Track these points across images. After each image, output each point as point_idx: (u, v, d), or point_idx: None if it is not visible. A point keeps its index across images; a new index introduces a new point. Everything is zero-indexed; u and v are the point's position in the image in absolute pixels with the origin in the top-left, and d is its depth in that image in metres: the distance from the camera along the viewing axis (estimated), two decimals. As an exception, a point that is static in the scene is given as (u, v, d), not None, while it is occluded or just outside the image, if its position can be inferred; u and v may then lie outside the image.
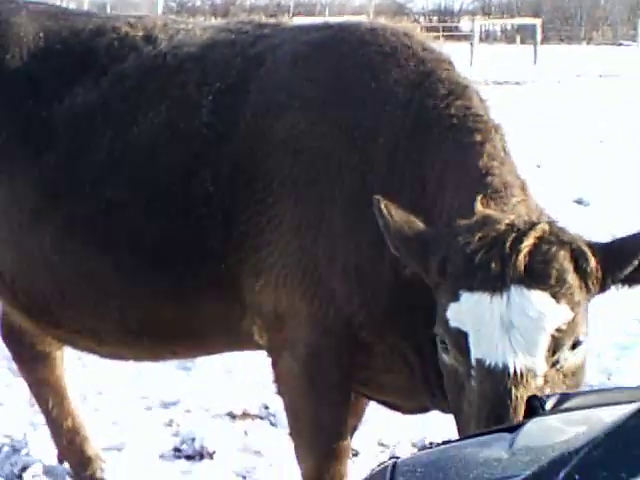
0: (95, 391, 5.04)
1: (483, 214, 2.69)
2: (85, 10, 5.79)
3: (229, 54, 3.48)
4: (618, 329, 5.99)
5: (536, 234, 2.57)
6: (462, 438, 2.25)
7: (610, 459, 1.35)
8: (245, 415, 4.89)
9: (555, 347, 2.50)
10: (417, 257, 2.74)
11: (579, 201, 9.69)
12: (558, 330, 2.50)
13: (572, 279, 2.55)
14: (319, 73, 3.33)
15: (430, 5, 65.69)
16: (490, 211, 2.72)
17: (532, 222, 2.63)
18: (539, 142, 12.55)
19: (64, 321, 3.66)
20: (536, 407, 2.14)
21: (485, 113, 3.13)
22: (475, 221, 2.66)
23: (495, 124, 3.10)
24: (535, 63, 28.01)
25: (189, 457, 4.50)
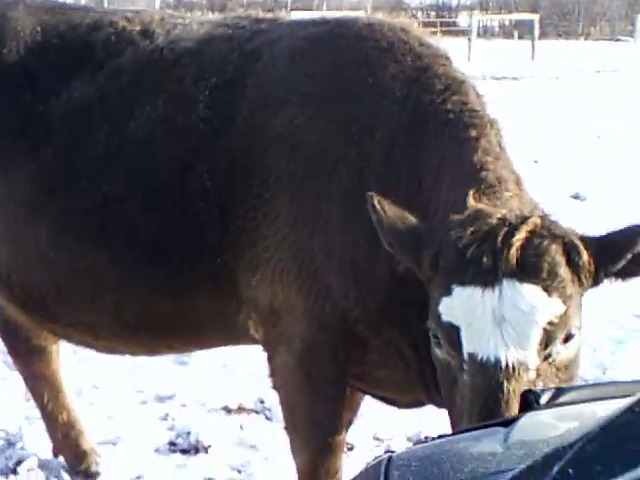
0: (90, 385, 5.05)
1: (475, 208, 2.69)
2: (82, 4, 5.80)
3: (226, 49, 3.47)
4: (613, 323, 6.00)
5: (528, 228, 2.57)
6: (457, 432, 2.25)
7: (604, 453, 1.35)
8: (241, 409, 4.90)
9: (547, 340, 2.50)
10: (410, 252, 2.74)
11: (576, 196, 9.70)
12: (550, 323, 2.50)
13: (564, 273, 2.55)
14: (316, 68, 3.33)
15: (428, 0, 65.68)
16: (482, 205, 2.72)
17: (524, 216, 2.63)
18: (536, 137, 12.56)
19: (60, 315, 3.66)
20: (531, 401, 2.14)
21: (481, 108, 3.13)
22: (467, 215, 2.66)
23: (491, 119, 3.10)
24: (533, 58, 28.01)
25: (184, 451, 4.50)
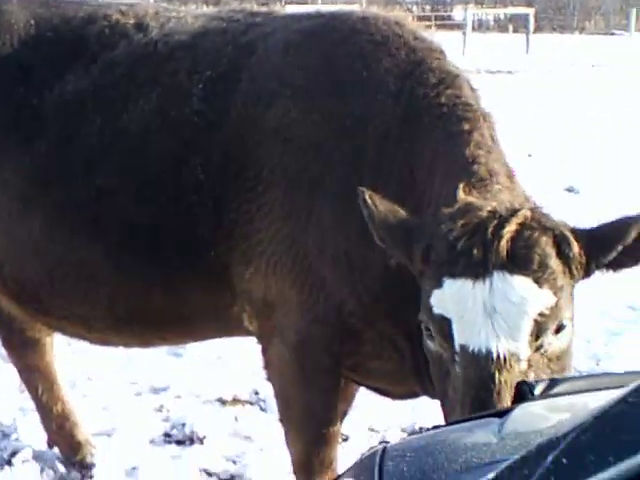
0: (85, 377, 5.05)
1: (465, 201, 2.70)
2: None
3: (220, 42, 3.47)
4: (607, 315, 6.02)
5: (518, 220, 2.58)
6: (451, 423, 2.26)
7: (598, 443, 1.36)
8: (235, 401, 4.91)
9: (538, 332, 2.52)
10: (402, 246, 2.75)
11: (570, 189, 9.71)
12: (541, 315, 2.51)
13: (554, 264, 2.56)
14: (310, 61, 3.33)
15: (422, -6, 65.50)
16: (472, 198, 2.73)
17: (514, 208, 2.63)
18: (530, 131, 12.56)
19: (53, 308, 3.66)
20: (525, 392, 2.15)
21: (475, 102, 3.13)
22: (457, 208, 2.67)
23: (484, 113, 3.10)
24: (527, 52, 28.00)
25: (179, 442, 4.51)
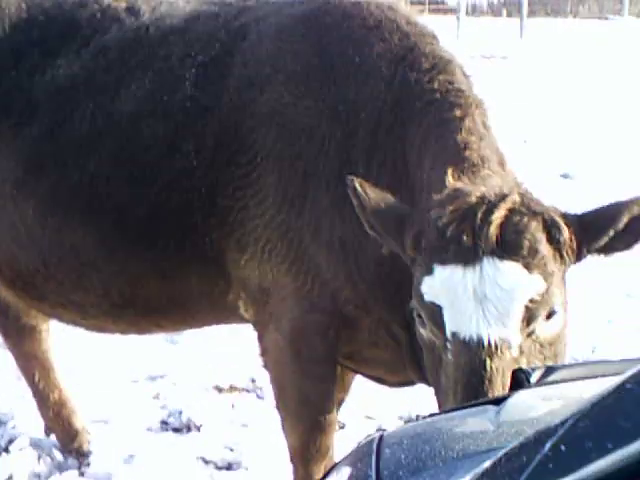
0: (81, 364, 5.04)
1: (454, 187, 2.69)
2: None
3: (213, 27, 3.45)
4: (603, 302, 6.03)
5: (507, 206, 2.57)
6: (448, 411, 2.27)
7: (596, 430, 1.36)
8: (232, 388, 4.91)
9: (529, 318, 2.52)
10: (393, 233, 2.75)
11: (565, 175, 9.70)
12: (532, 301, 2.51)
13: (545, 249, 2.55)
14: (303, 46, 3.31)
15: (417, -22, 65.38)
16: (461, 184, 2.72)
17: (503, 194, 2.62)
18: (525, 117, 12.54)
19: (48, 294, 3.65)
20: (521, 380, 2.15)
21: (467, 88, 3.12)
22: (446, 195, 2.67)
23: (477, 99, 3.10)
24: (521, 37, 27.93)
25: (176, 430, 4.52)
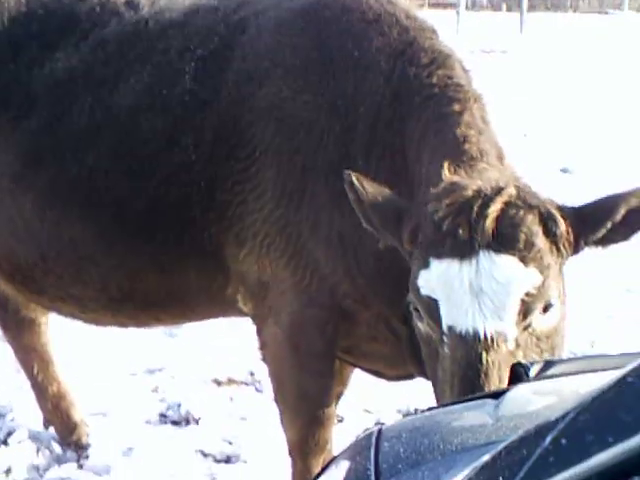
0: (80, 357, 5.05)
1: (450, 181, 2.69)
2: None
3: (212, 20, 3.44)
4: (603, 297, 6.03)
5: (503, 199, 2.57)
6: (447, 404, 2.27)
7: (597, 424, 1.36)
8: (231, 381, 4.92)
9: (526, 311, 2.52)
10: (391, 227, 2.75)
11: (564, 170, 9.70)
12: (528, 294, 2.51)
13: (541, 243, 2.55)
14: (302, 40, 3.30)
15: (417, -29, 65.22)
16: (457, 177, 2.72)
17: (499, 187, 2.62)
18: (525, 111, 12.53)
19: (47, 288, 3.65)
20: (520, 374, 2.15)
21: (466, 83, 3.11)
22: (443, 188, 2.66)
23: (476, 94, 3.09)
24: (521, 31, 27.90)
25: (175, 423, 4.52)
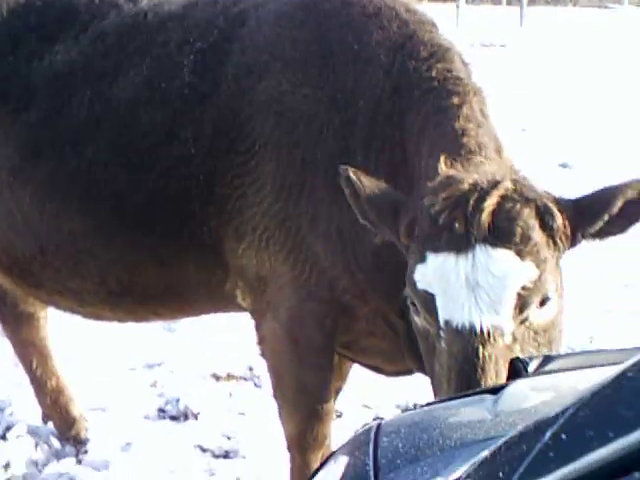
0: (79, 351, 5.04)
1: (446, 174, 2.69)
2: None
3: (211, 13, 3.43)
4: (601, 292, 6.03)
5: (499, 192, 2.56)
6: (445, 400, 2.27)
7: (597, 419, 1.36)
8: (229, 376, 4.91)
9: (522, 305, 2.51)
10: (388, 221, 2.74)
11: (564, 165, 9.69)
12: (524, 288, 2.51)
13: (537, 236, 2.55)
14: (302, 34, 3.29)
15: (416, -34, 65.11)
16: (453, 171, 2.71)
17: (495, 181, 2.61)
18: (524, 105, 12.52)
19: (45, 281, 3.65)
20: (519, 369, 2.15)
21: (466, 76, 3.11)
22: (439, 182, 2.66)
23: (475, 87, 3.08)
24: (521, 25, 27.87)
25: (173, 418, 4.52)
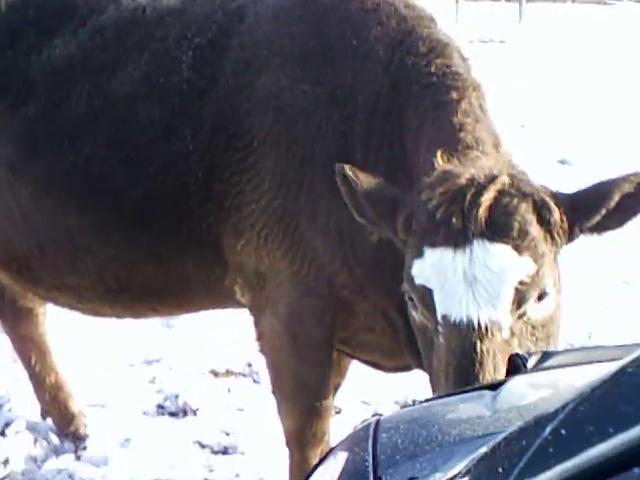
0: (78, 347, 5.04)
1: (443, 169, 2.68)
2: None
3: (210, 8, 3.42)
4: (600, 289, 6.03)
5: (496, 187, 2.56)
6: (444, 396, 2.27)
7: (597, 414, 1.36)
8: (228, 372, 4.91)
9: (520, 300, 2.51)
10: (386, 216, 2.74)
11: (563, 161, 9.69)
12: (522, 283, 2.51)
13: (535, 231, 2.55)
14: (301, 29, 3.29)
15: (415, -38, 64.90)
16: (450, 166, 2.70)
17: (492, 175, 2.60)
18: (523, 101, 12.51)
19: (43, 277, 3.64)
20: (518, 365, 2.15)
21: (465, 71, 3.10)
22: (436, 177, 2.66)
23: (474, 82, 3.08)
24: (520, 21, 27.86)
25: (172, 414, 4.52)
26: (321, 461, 2.09)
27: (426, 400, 2.24)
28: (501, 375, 2.40)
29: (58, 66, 3.48)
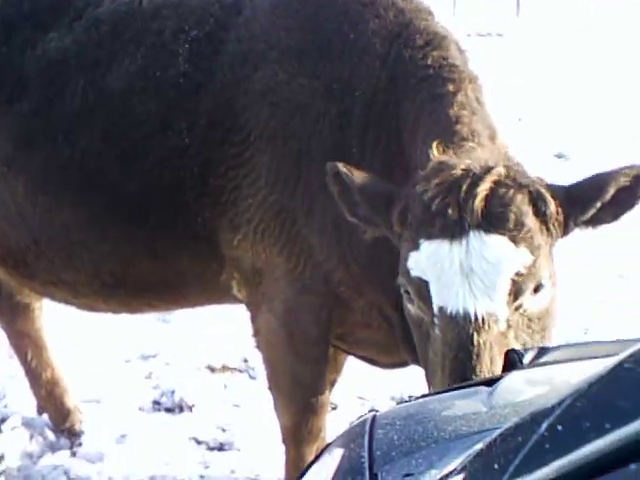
0: (74, 343, 5.03)
1: (438, 160, 2.67)
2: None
3: (206, 1, 3.41)
4: (596, 284, 6.02)
5: (492, 178, 2.55)
6: (440, 392, 2.26)
7: (594, 410, 1.35)
8: (224, 368, 4.91)
9: (516, 291, 2.50)
10: (382, 212, 2.73)
11: (560, 155, 9.68)
12: (518, 274, 2.50)
13: (531, 222, 2.54)
14: (298, 22, 3.27)
15: (412, -44, 64.75)
16: (445, 157, 2.69)
17: (488, 167, 2.59)
18: (521, 95, 12.50)
19: (39, 272, 3.63)
20: (514, 361, 2.14)
21: (461, 64, 3.09)
22: (431, 168, 2.64)
23: (471, 74, 3.07)
24: (518, 14, 27.85)
25: (168, 410, 4.51)
26: (317, 457, 2.09)
27: (422, 396, 2.23)
28: (497, 367, 2.39)
29: (53, 60, 3.46)
